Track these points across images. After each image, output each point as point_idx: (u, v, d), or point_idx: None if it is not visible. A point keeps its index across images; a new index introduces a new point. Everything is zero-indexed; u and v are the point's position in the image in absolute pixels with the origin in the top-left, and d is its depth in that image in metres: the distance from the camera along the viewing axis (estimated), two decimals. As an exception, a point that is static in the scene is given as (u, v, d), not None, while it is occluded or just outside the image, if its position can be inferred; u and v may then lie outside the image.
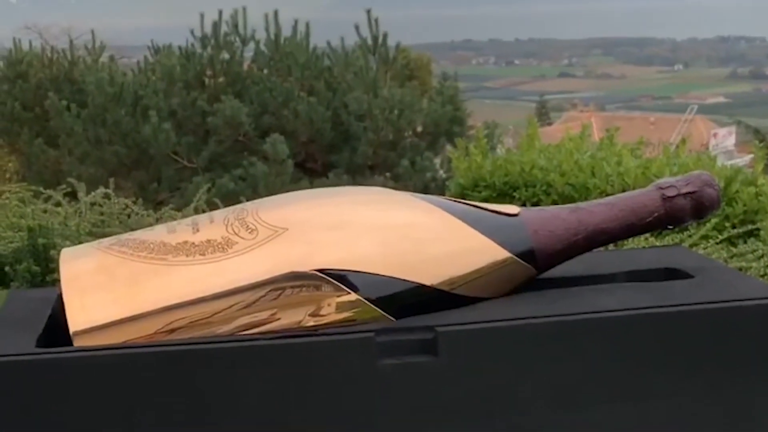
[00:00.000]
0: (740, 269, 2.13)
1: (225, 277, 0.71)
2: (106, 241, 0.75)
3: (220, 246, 0.72)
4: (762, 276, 2.15)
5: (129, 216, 4.36)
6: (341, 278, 0.72)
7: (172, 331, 0.71)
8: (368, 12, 8.43)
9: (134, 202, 4.53)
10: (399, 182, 8.25)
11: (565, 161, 6.04)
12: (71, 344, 0.69)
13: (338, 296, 0.72)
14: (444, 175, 8.50)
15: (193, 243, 0.72)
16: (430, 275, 0.74)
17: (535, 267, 0.78)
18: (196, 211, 4.61)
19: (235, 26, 8.28)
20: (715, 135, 26.38)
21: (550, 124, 28.28)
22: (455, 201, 0.79)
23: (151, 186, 7.97)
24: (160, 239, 0.73)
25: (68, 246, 3.78)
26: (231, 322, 0.72)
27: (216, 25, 8.24)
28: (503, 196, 6.30)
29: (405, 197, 0.79)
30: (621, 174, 5.69)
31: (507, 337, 0.71)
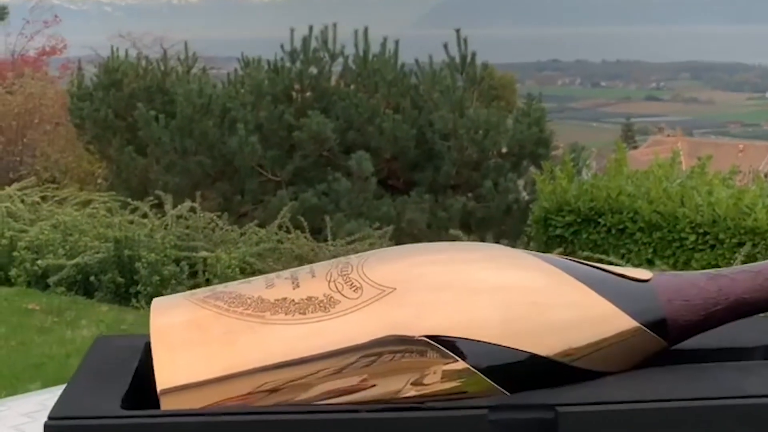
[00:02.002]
0: None
1: (325, 339, 0.65)
2: (200, 292, 0.70)
3: (321, 305, 0.66)
4: None
5: (213, 230, 4.40)
6: (450, 345, 0.66)
7: (265, 393, 0.65)
8: (457, 31, 8.38)
9: (219, 217, 4.56)
10: (481, 203, 8.16)
11: (654, 188, 5.87)
12: (158, 401, 0.64)
13: (445, 364, 0.66)
14: (527, 198, 8.38)
15: (293, 300, 0.66)
16: (548, 345, 0.67)
17: (667, 339, 0.70)
18: (280, 228, 4.61)
19: (325, 42, 8.30)
20: (806, 165, 25.64)
21: (635, 147, 27.84)
22: (578, 262, 0.72)
23: (235, 198, 8.02)
24: (258, 294, 0.67)
25: (153, 258, 3.80)
26: (327, 385, 0.66)
27: (306, 41, 8.28)
28: (588, 222, 6.17)
29: (522, 256, 0.72)
30: (712, 204, 5.50)
31: (637, 420, 0.64)
